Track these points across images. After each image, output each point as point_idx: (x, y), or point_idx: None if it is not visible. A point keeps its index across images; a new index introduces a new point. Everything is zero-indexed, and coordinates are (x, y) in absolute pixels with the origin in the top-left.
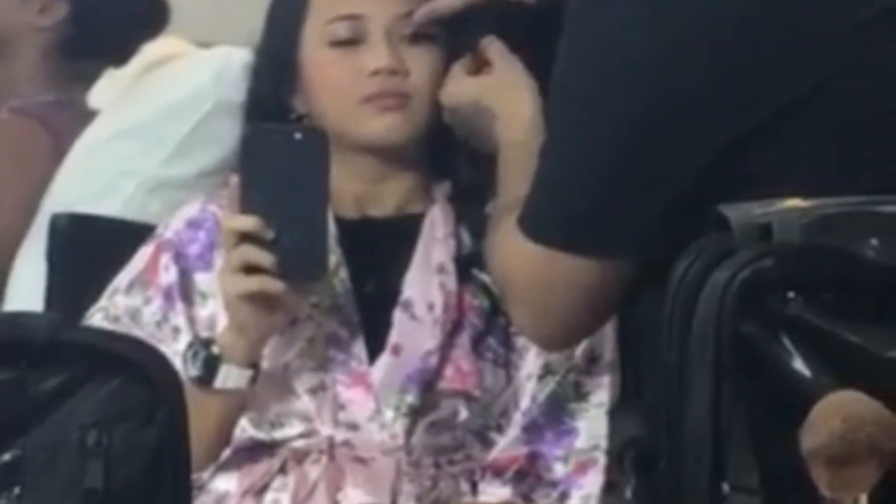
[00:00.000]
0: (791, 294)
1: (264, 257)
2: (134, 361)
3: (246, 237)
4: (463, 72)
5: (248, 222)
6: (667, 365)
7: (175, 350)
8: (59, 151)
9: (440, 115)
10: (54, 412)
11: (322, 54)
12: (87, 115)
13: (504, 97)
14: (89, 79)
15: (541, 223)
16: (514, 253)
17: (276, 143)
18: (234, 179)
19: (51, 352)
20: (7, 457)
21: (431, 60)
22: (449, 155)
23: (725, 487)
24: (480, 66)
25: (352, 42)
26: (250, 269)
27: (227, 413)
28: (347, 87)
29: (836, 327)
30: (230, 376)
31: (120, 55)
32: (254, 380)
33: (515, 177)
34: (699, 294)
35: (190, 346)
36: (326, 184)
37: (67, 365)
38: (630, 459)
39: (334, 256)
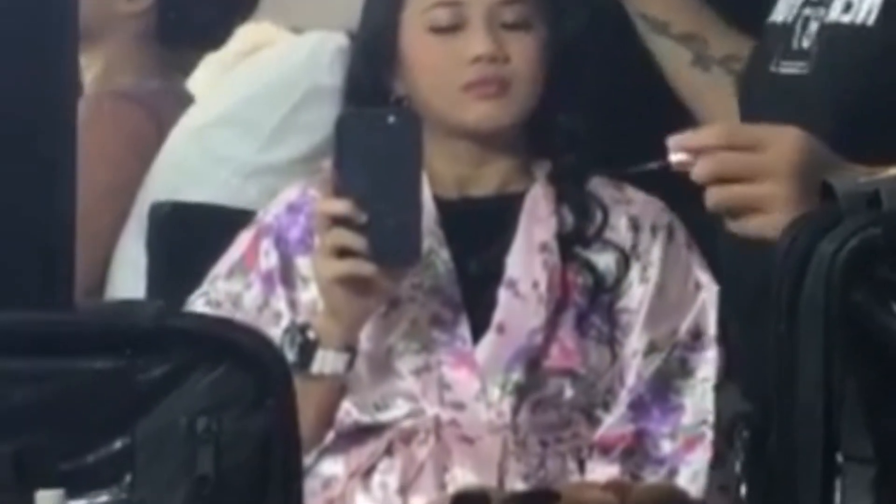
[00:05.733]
0: None
1: (357, 241)
2: (241, 347)
3: (339, 221)
4: None
5: (341, 206)
6: (776, 336)
7: (276, 334)
8: (161, 138)
9: (539, 97)
10: (163, 400)
11: (422, 40)
12: (188, 103)
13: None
14: (188, 66)
15: None
16: None
17: (368, 126)
18: (328, 163)
19: (158, 339)
20: (118, 445)
21: (531, 46)
22: (548, 135)
23: (839, 457)
24: None
25: (451, 28)
26: (343, 252)
27: (326, 397)
28: (448, 74)
29: None
30: (326, 361)
31: (214, 38)
32: (350, 364)
33: None
34: (807, 265)
35: (286, 331)
36: (419, 167)
37: (175, 352)
38: (739, 433)
39: (435, 237)
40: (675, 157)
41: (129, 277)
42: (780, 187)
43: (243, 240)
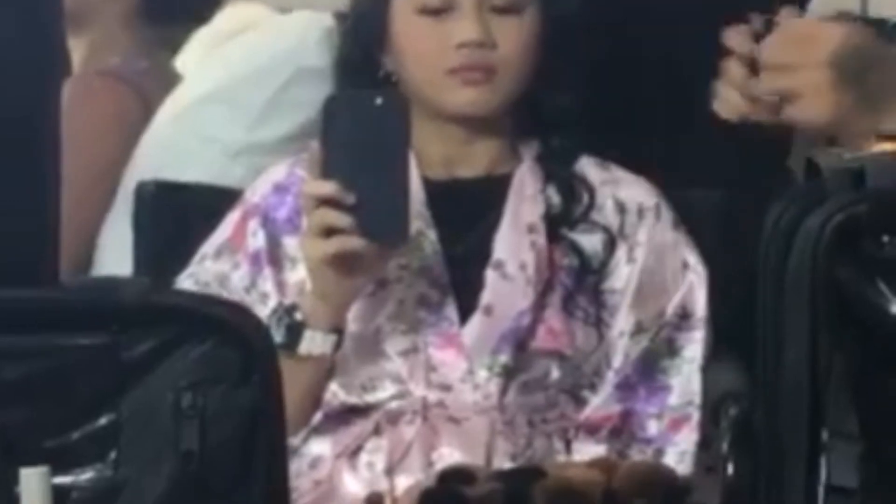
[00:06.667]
0: (886, 238)
1: (344, 220)
2: (227, 323)
3: (326, 202)
4: None
5: (328, 187)
6: (762, 312)
7: (264, 315)
8: (148, 118)
9: (527, 81)
10: (148, 376)
11: (410, 22)
12: (175, 82)
13: None
14: (175, 45)
15: None
16: None
17: (356, 107)
18: (315, 144)
19: (142, 315)
20: (103, 421)
21: (520, 31)
22: (536, 115)
23: (825, 434)
24: None
25: (440, 11)
26: (330, 232)
27: (313, 378)
28: (434, 58)
29: None
30: (314, 342)
31: (199, 14)
32: (338, 345)
33: None
34: (793, 240)
35: (273, 312)
36: (407, 148)
37: (160, 328)
38: (725, 413)
39: (422, 218)
40: None
41: (116, 256)
42: (821, 76)
43: (230, 220)
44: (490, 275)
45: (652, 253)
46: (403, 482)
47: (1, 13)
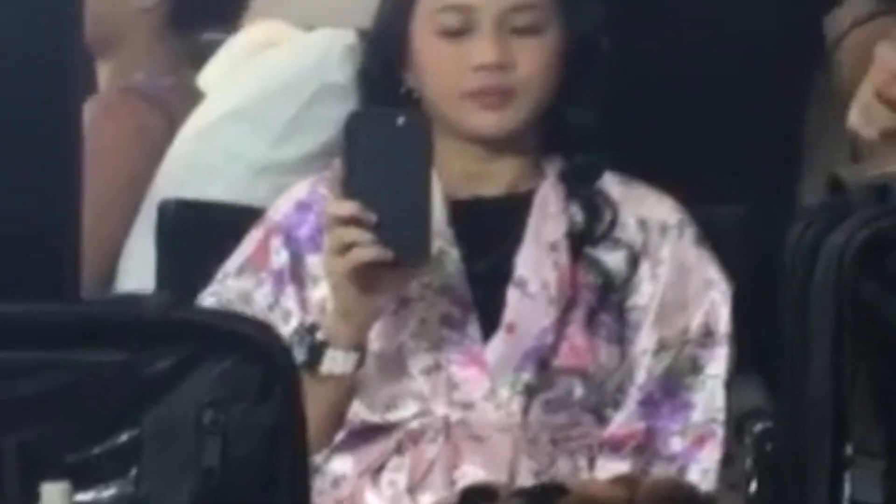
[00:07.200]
0: None
1: (365, 238)
2: (248, 339)
3: (348, 221)
4: None
5: (349, 207)
6: (786, 327)
7: (286, 333)
8: (172, 134)
9: (548, 99)
10: (169, 392)
11: (430, 42)
12: (199, 98)
13: None
14: (200, 59)
15: None
16: None
17: (378, 126)
18: (338, 162)
19: (164, 332)
20: (124, 438)
21: (540, 52)
22: (559, 132)
23: (849, 450)
24: None
25: (460, 33)
26: (351, 248)
27: (336, 397)
28: (452, 80)
29: None
30: (335, 361)
31: (228, 16)
32: (359, 364)
33: None
34: (817, 256)
35: (295, 331)
36: (429, 168)
37: (181, 344)
38: (750, 430)
39: (444, 237)
40: None
41: (139, 272)
42: None
43: (253, 238)
44: (512, 293)
45: (675, 270)
46: (426, 500)
47: (22, 30)
